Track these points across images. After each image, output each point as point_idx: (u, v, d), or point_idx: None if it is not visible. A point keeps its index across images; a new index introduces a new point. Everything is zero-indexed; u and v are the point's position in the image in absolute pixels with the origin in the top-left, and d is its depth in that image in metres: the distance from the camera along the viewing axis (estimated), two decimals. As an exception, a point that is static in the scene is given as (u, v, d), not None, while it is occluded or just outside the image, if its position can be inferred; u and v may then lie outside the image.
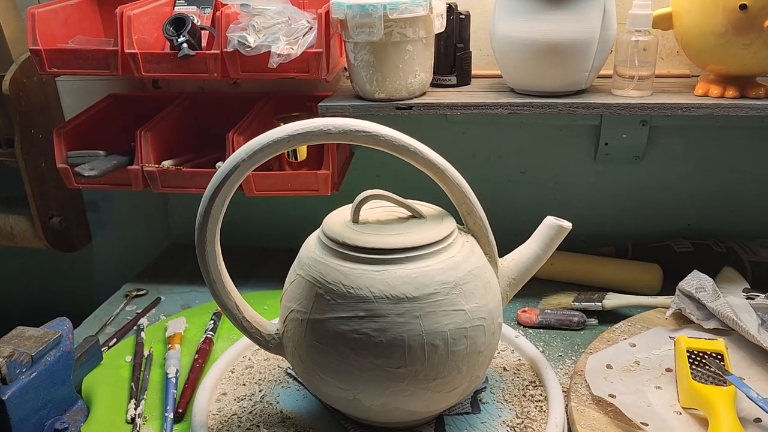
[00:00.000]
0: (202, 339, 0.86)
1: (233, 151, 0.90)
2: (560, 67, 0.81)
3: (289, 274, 0.67)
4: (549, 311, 0.90)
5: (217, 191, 0.59)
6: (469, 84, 0.94)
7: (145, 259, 1.16)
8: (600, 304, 0.89)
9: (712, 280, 0.84)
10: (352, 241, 0.61)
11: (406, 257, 0.60)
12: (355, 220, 0.65)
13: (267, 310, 0.95)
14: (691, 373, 0.70)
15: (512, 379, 0.77)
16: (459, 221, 0.68)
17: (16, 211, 1.14)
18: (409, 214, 0.68)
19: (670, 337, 0.81)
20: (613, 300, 0.90)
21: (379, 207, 0.69)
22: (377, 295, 0.58)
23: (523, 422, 0.68)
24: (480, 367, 0.65)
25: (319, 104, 0.88)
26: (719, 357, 0.72)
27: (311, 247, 0.65)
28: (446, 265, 0.61)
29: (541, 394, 0.74)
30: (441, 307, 0.60)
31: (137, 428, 0.72)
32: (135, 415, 0.73)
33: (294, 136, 0.58)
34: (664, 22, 0.83)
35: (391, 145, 0.61)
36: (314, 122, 0.59)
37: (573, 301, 0.91)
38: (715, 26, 0.76)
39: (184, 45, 0.85)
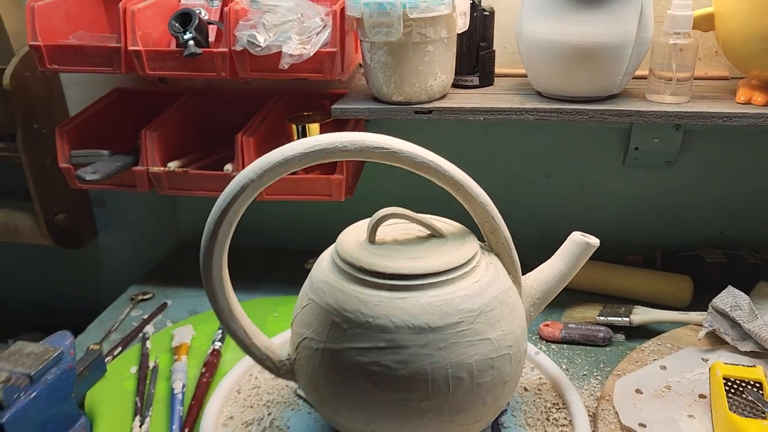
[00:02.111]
0: (210, 351, 0.82)
1: (242, 154, 0.86)
2: (592, 71, 0.76)
3: (300, 297, 0.63)
4: (573, 325, 0.86)
5: (223, 214, 0.55)
6: (491, 84, 0.89)
7: (152, 258, 1.13)
8: (627, 319, 0.85)
9: (748, 297, 0.79)
10: (370, 265, 0.57)
11: (429, 283, 0.56)
12: (372, 240, 0.61)
13: (278, 318, 0.92)
14: (728, 403, 0.65)
15: (534, 401, 0.73)
16: (479, 237, 0.63)
17: (20, 207, 1.10)
18: (428, 232, 0.63)
19: (702, 359, 0.76)
20: (641, 315, 0.85)
21: (396, 224, 0.65)
22: (398, 325, 0.54)
23: (547, 451, 0.65)
24: (505, 398, 0.61)
25: (333, 107, 0.83)
26: (758, 386, 0.67)
27: (324, 269, 0.61)
28: (471, 291, 0.57)
29: (565, 418, 0.70)
30: (466, 337, 0.56)
31: (142, 449, 0.68)
32: (140, 434, 0.70)
33: (307, 153, 0.54)
34: (705, 24, 0.77)
35: (411, 162, 0.57)
36: (329, 138, 0.55)
37: (598, 315, 0.87)
38: (765, 29, 0.70)
39: (191, 42, 0.80)
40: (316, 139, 0.55)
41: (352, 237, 0.62)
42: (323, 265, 0.61)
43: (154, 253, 1.14)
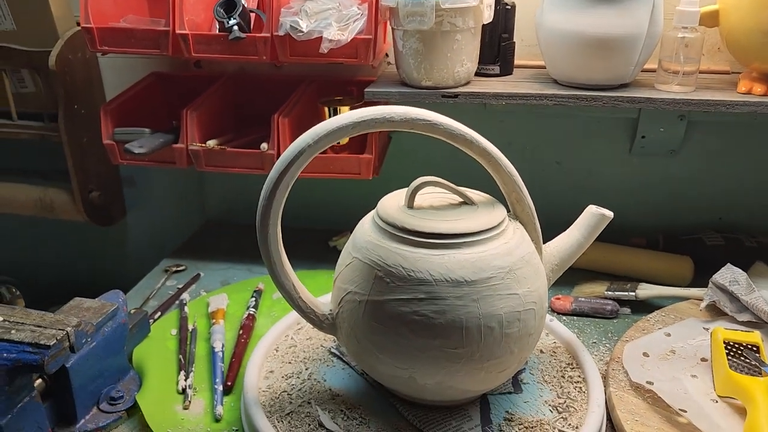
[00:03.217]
0: (245, 315, 0.88)
1: (278, 133, 0.92)
2: (607, 60, 0.83)
3: (342, 257, 0.69)
4: (582, 299, 0.92)
5: (282, 175, 0.61)
6: (511, 74, 0.95)
7: (179, 236, 1.18)
8: (633, 293, 0.91)
9: (745, 273, 0.85)
10: (411, 225, 0.63)
11: (464, 242, 0.62)
12: (410, 205, 0.67)
13: (304, 290, 0.97)
14: (728, 362, 0.72)
15: (549, 361, 0.79)
16: (506, 207, 0.69)
17: (55, 185, 1.16)
18: (461, 200, 0.70)
19: (704, 328, 0.83)
20: (646, 290, 0.92)
21: (430, 193, 0.71)
22: (437, 279, 0.60)
23: (564, 402, 0.71)
24: (529, 349, 0.67)
25: (366, 90, 0.89)
26: (755, 348, 0.74)
27: (367, 231, 0.67)
28: (501, 250, 0.63)
29: (579, 376, 0.76)
30: (497, 291, 0.61)
31: (189, 399, 0.74)
32: (186, 386, 0.76)
33: (359, 123, 0.60)
34: (710, 19, 0.84)
35: (448, 133, 0.63)
36: (378, 110, 0.61)
37: (606, 290, 0.93)
38: (764, 24, 0.77)
39: (235, 28, 0.86)
40: (367, 110, 0.61)
41: (392, 203, 0.68)
42: (365, 228, 0.67)
43: (180, 232, 1.20)
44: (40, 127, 1.11)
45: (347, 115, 0.61)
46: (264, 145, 0.93)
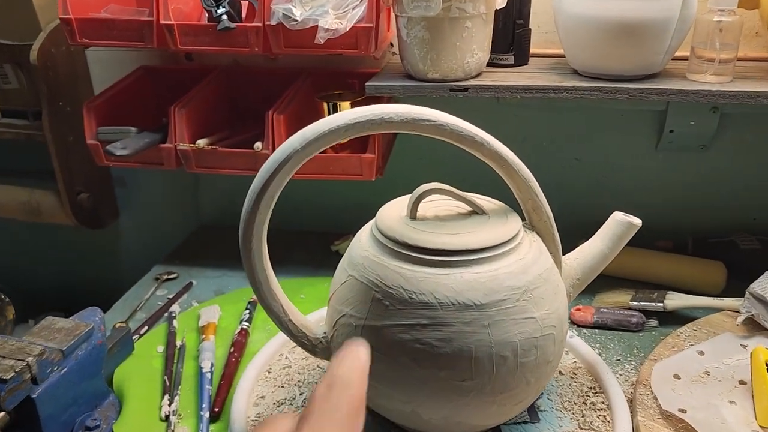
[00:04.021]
0: (238, 330, 0.82)
1: (272, 131, 0.85)
2: (633, 48, 0.75)
3: (337, 273, 0.62)
4: (605, 310, 0.84)
5: (266, 186, 0.54)
6: (527, 64, 0.87)
7: (173, 239, 1.12)
8: (661, 304, 0.83)
9: (787, 283, 0.77)
10: (413, 240, 0.56)
11: (473, 259, 0.55)
12: (413, 216, 0.60)
13: (303, 299, 0.91)
14: (772, 389, 0.64)
15: (570, 384, 0.72)
16: (521, 215, 0.62)
17: (42, 186, 1.10)
18: (470, 209, 0.62)
19: (741, 344, 0.75)
20: (675, 300, 0.84)
21: (435, 200, 0.64)
22: (442, 302, 0.53)
23: (587, 434, 0.64)
24: (547, 378, 0.60)
25: (367, 84, 0.81)
26: (802, 372, 0.66)
27: (364, 245, 0.59)
28: (516, 268, 0.56)
29: (603, 402, 0.69)
30: (511, 315, 0.54)
31: (172, 427, 0.68)
32: (169, 412, 0.70)
33: (353, 124, 0.53)
34: (750, 1, 0.76)
35: (456, 135, 0.55)
36: (375, 110, 0.53)
37: (631, 300, 0.85)
38: (813, 6, 0.69)
39: (224, 17, 0.79)
40: (363, 109, 0.53)
41: (392, 213, 0.61)
42: (363, 241, 0.60)
43: (175, 236, 1.13)
44: (25, 125, 1.05)
45: (339, 117, 0.53)
46: (258, 145, 0.86)
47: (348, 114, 0.53)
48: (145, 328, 0.85)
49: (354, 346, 0.32)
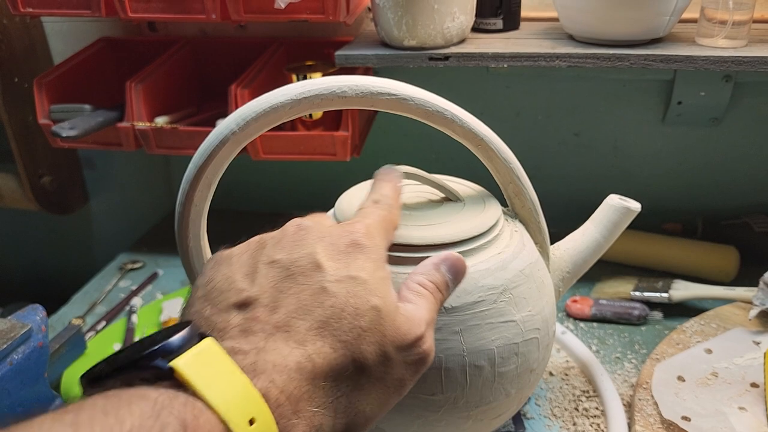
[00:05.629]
0: (202, 326, 0.75)
1: (236, 107, 0.76)
2: (635, 9, 0.66)
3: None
4: (604, 302, 0.77)
5: (200, 173, 0.46)
6: (517, 29, 0.79)
7: (145, 224, 1.05)
8: (666, 295, 0.76)
9: (806, 271, 0.70)
10: (374, 234, 0.48)
11: (443, 256, 0.47)
12: (377, 203, 0.52)
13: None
14: (789, 395, 0.57)
15: (560, 387, 0.65)
16: (501, 201, 0.55)
17: (2, 168, 1.03)
18: (443, 195, 0.55)
19: (754, 341, 0.67)
20: (681, 291, 0.76)
21: (405, 186, 0.56)
22: (405, 307, 0.46)
23: (578, 447, 0.57)
24: (531, 387, 0.53)
25: (337, 53, 0.73)
26: (823, 375, 0.58)
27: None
28: (493, 264, 0.49)
29: (597, 408, 0.62)
30: (487, 318, 0.47)
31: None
32: (120, 419, 0.63)
33: (298, 100, 0.45)
34: (769, -47, 0.67)
35: (422, 111, 0.48)
36: (327, 82, 0.46)
37: (633, 290, 0.78)
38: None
39: (176, -20, 0.70)
40: (312, 82, 0.46)
41: (354, 201, 0.53)
42: (320, 233, 0.53)
43: (147, 219, 1.07)
44: (-21, 104, 0.97)
45: (283, 91, 0.46)
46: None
47: (293, 88, 0.46)
48: (103, 323, 0.79)
49: (392, 172, 0.44)
